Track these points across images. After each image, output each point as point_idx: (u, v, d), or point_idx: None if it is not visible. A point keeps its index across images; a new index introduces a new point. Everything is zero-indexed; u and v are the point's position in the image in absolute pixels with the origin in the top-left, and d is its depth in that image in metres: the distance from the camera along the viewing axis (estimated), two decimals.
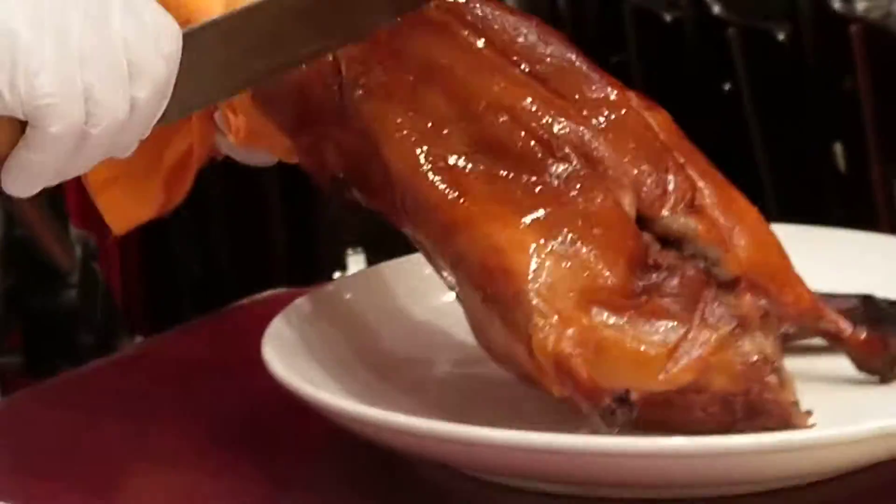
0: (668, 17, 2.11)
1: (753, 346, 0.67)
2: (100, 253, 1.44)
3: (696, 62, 2.11)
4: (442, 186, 0.69)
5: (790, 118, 2.02)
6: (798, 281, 0.72)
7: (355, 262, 1.95)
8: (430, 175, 0.69)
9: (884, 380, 0.73)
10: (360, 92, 0.72)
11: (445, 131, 0.70)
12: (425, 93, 0.71)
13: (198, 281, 1.97)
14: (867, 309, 0.75)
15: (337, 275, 1.86)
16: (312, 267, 1.96)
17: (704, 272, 0.68)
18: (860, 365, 0.73)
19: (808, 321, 0.72)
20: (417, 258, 0.85)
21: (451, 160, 0.69)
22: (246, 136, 0.78)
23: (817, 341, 0.76)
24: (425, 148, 0.70)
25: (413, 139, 0.70)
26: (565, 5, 2.20)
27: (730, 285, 0.68)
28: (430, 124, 0.70)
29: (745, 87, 2.02)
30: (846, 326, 0.73)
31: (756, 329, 0.67)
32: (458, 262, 0.69)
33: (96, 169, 0.69)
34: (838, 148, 1.96)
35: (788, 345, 0.75)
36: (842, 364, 0.74)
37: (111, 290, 1.45)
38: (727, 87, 2.05)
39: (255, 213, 1.98)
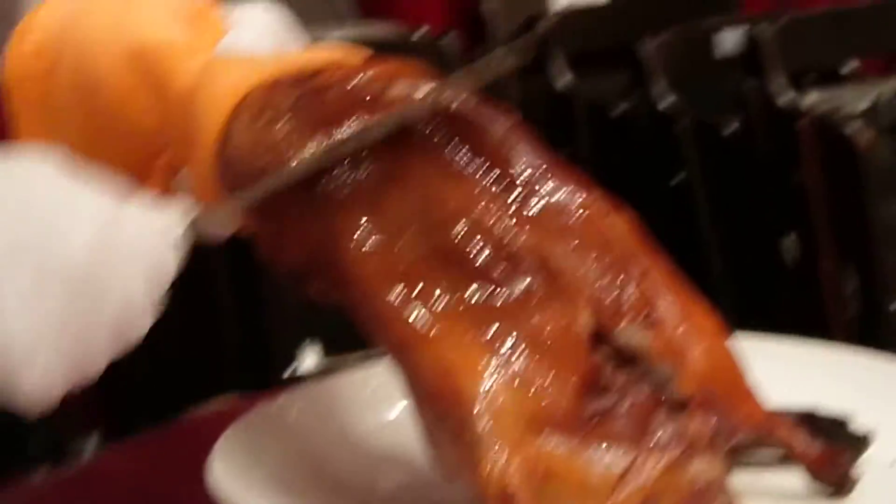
0: (617, 111, 2.13)
1: (701, 470, 0.66)
2: None
3: (647, 156, 2.12)
4: (397, 299, 0.67)
5: (741, 211, 2.03)
6: (752, 394, 0.71)
7: (311, 354, 1.94)
8: (386, 284, 0.67)
9: (837, 493, 0.72)
10: (324, 190, 0.70)
11: (406, 237, 0.68)
12: (388, 195, 0.69)
13: (150, 376, 1.95)
14: (810, 424, 0.74)
15: (292, 369, 1.84)
16: (267, 359, 1.95)
17: (656, 393, 0.67)
18: (814, 477, 0.72)
19: (761, 435, 0.71)
20: (367, 371, 0.84)
21: (409, 269, 0.67)
22: (204, 195, 0.76)
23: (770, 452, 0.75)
24: (382, 255, 0.68)
25: (372, 243, 0.68)
26: (517, 98, 2.21)
27: (681, 405, 0.67)
28: (390, 229, 0.68)
29: (695, 180, 2.04)
30: (799, 442, 0.72)
31: (705, 450, 0.66)
32: (410, 378, 0.68)
33: None
34: (789, 241, 1.97)
35: (740, 457, 0.75)
36: (792, 479, 0.74)
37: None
38: (678, 180, 2.07)
39: (206, 307, 1.97)
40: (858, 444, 0.74)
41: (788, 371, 0.82)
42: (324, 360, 1.79)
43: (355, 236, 0.68)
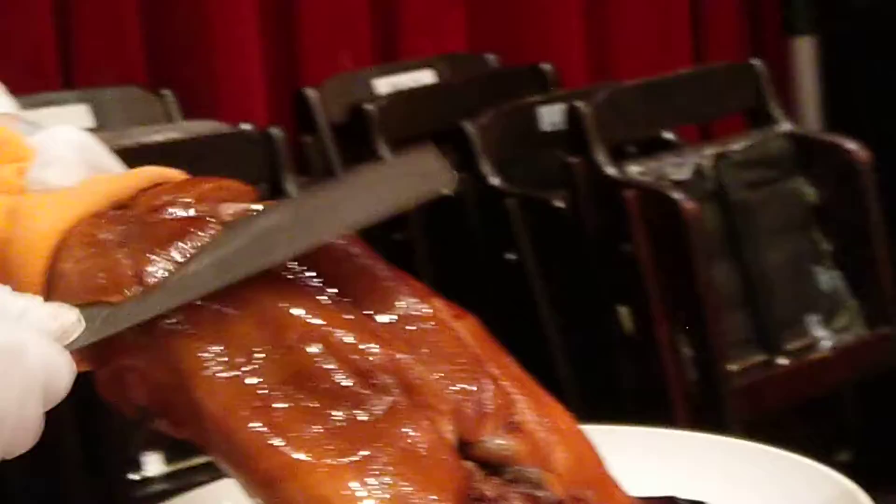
0: (447, 191, 2.14)
1: None
2: None
3: (479, 234, 2.14)
4: (257, 432, 0.64)
5: (575, 284, 2.06)
6: (616, 485, 0.71)
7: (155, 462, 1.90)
8: (244, 418, 0.64)
9: None
10: (166, 324, 0.67)
11: (258, 366, 0.65)
12: (234, 323, 0.66)
13: None
14: None
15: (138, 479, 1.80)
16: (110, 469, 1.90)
17: (528, 498, 0.66)
18: None
19: None
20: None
21: (265, 399, 0.65)
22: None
23: None
24: (237, 386, 0.65)
25: (223, 376, 0.65)
26: None
27: None
28: (241, 358, 0.65)
29: (527, 256, 2.06)
30: None
31: None
32: None
33: None
34: (624, 310, 2.00)
35: None
36: None
37: None
38: (510, 256, 2.09)
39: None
40: None
41: (641, 460, 0.83)
42: (167, 467, 1.75)
43: (205, 371, 0.65)
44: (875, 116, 2.57)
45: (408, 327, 0.68)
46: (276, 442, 0.64)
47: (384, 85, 2.39)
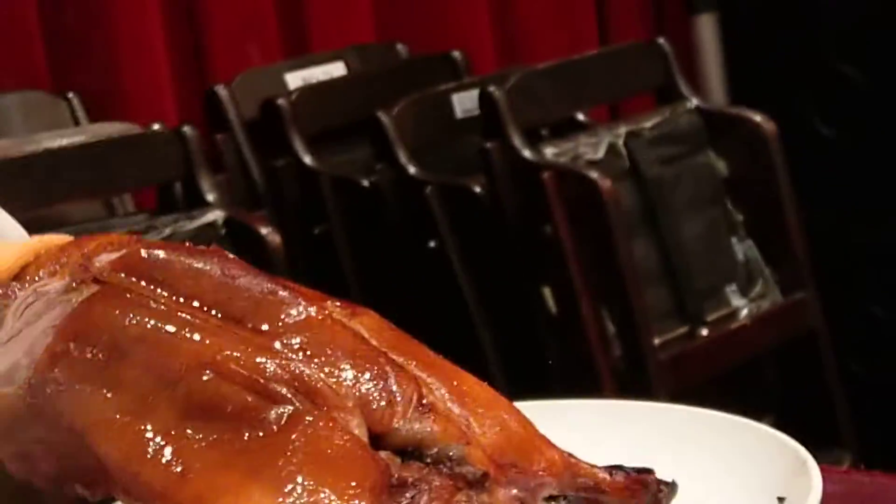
0: (365, 183, 2.15)
1: None
2: None
3: (399, 223, 2.15)
4: (163, 468, 0.63)
5: (497, 268, 2.08)
6: (546, 444, 0.70)
7: None
8: (148, 459, 0.63)
9: None
10: (51, 388, 0.66)
11: (155, 406, 0.64)
12: (120, 368, 0.65)
13: None
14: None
15: None
16: None
17: (452, 476, 0.65)
18: None
19: (565, 480, 0.70)
20: None
21: (166, 436, 0.64)
22: None
23: None
24: (135, 430, 0.64)
25: (120, 423, 0.64)
26: (262, 183, 2.21)
27: (481, 480, 0.66)
28: (134, 402, 0.64)
29: (448, 243, 2.08)
30: (604, 475, 0.71)
31: None
32: None
33: None
34: (547, 291, 2.03)
35: None
36: None
37: None
38: (432, 244, 2.10)
39: None
40: (671, 490, 0.75)
41: (577, 432, 0.84)
42: None
43: (100, 424, 0.65)
44: (778, 89, 2.62)
45: (299, 335, 0.67)
46: (181, 475, 0.63)
47: (295, 79, 2.39)
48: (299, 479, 0.62)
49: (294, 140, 2.21)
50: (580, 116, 2.25)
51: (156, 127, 2.01)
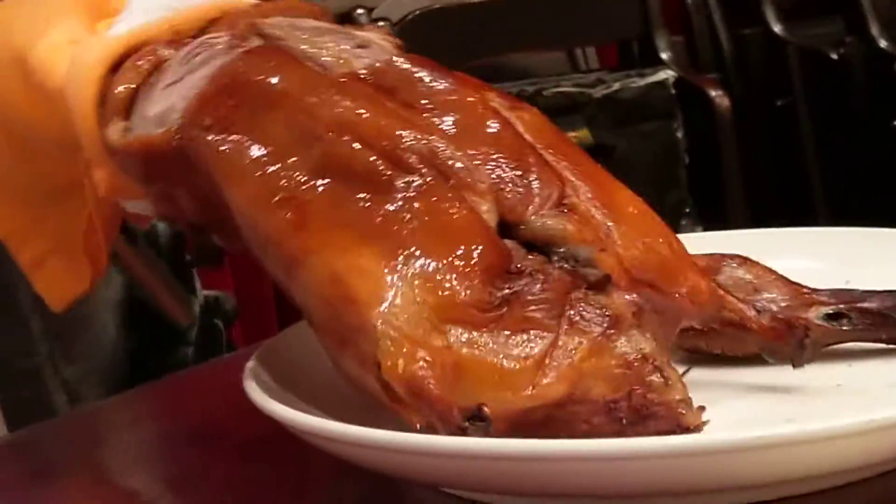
0: (834, 55, 2.09)
1: (630, 346, 0.61)
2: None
3: (866, 99, 2.08)
4: (282, 219, 0.63)
5: None
6: (694, 270, 0.66)
7: None
8: (271, 208, 0.63)
9: (795, 365, 0.68)
10: (196, 132, 0.67)
11: (288, 159, 0.64)
12: (264, 121, 0.65)
13: None
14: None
15: None
16: None
17: (571, 273, 0.62)
18: (770, 353, 0.69)
19: (708, 312, 0.67)
20: None
21: (293, 190, 0.63)
22: (107, 189, 0.74)
23: None
24: (266, 180, 0.64)
25: (253, 172, 0.64)
26: (729, 54, 2.20)
27: (602, 283, 0.62)
28: (271, 154, 0.64)
29: None
30: (751, 313, 0.68)
31: (632, 328, 0.61)
32: (302, 298, 0.63)
33: (23, 250, 0.74)
34: None
35: (697, 346, 0.73)
36: (754, 372, 0.71)
37: (234, 347, 1.42)
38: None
39: None
40: (814, 342, 0.69)
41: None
42: None
43: (236, 170, 0.65)
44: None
45: (445, 115, 0.66)
46: (297, 227, 0.63)
47: None
48: (412, 249, 0.61)
49: (766, 9, 2.18)
50: None
51: None
